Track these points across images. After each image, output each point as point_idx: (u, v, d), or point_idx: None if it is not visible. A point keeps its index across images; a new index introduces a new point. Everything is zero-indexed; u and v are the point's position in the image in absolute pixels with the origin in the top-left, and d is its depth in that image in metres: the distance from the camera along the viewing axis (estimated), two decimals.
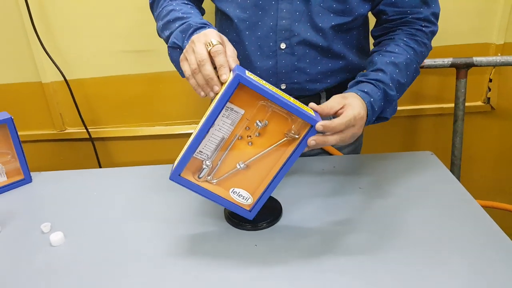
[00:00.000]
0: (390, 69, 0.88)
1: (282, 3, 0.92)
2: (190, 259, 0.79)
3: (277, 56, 0.96)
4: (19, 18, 1.39)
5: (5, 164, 1.07)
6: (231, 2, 0.96)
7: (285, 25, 0.93)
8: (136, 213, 0.94)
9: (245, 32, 0.96)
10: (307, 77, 0.99)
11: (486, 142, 1.58)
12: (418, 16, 0.94)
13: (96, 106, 1.54)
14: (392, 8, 0.94)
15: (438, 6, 0.96)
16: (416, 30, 0.94)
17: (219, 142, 0.76)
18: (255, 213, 0.81)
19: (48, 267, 0.80)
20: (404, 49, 0.91)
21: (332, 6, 0.92)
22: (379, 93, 0.86)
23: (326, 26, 0.93)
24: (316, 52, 0.97)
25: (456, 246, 0.78)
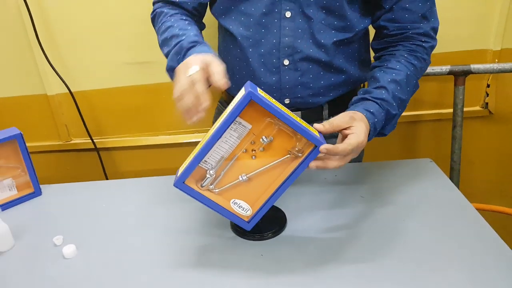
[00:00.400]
0: (392, 87, 0.91)
1: (284, 21, 0.94)
2: (198, 269, 0.82)
3: (280, 72, 0.99)
4: (24, 33, 1.42)
5: (15, 178, 1.10)
6: (234, 20, 0.98)
7: (288, 42, 0.96)
8: (144, 224, 0.97)
9: (248, 49, 0.99)
10: (310, 91, 1.01)
11: (485, 146, 1.61)
12: (418, 31, 0.96)
13: (101, 117, 1.57)
14: (393, 24, 0.96)
15: (437, 21, 0.98)
16: (416, 45, 0.96)
17: (224, 154, 0.79)
18: (253, 224, 0.83)
19: (63, 280, 0.82)
20: (404, 66, 0.94)
21: (333, 23, 0.95)
22: (383, 113, 0.89)
23: (328, 42, 0.96)
24: (319, 67, 0.99)
25: (455, 253, 0.81)
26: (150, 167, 1.65)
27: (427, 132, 1.59)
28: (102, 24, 1.42)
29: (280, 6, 0.93)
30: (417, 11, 0.94)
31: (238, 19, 0.98)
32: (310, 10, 0.93)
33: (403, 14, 0.94)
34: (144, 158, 1.64)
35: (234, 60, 1.03)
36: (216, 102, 1.21)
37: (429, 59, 0.99)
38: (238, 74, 1.04)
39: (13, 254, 0.91)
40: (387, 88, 0.91)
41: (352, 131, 0.80)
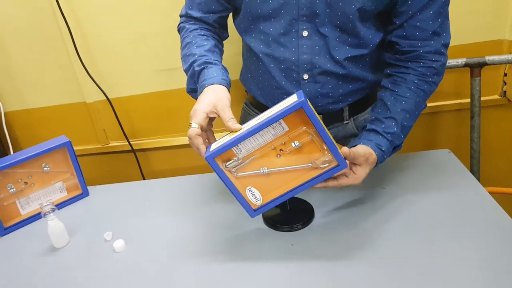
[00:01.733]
0: (401, 117, 0.97)
1: (302, 40, 0.98)
2: (234, 258, 0.91)
3: (301, 85, 1.04)
4: (64, 47, 1.53)
5: (65, 181, 1.21)
6: (254, 37, 1.04)
7: (306, 59, 1.00)
8: (183, 219, 1.07)
9: (270, 64, 1.04)
10: (330, 100, 1.07)
11: (505, 134, 1.63)
12: (429, 49, 0.97)
13: (135, 120, 1.67)
14: (404, 40, 0.97)
15: (449, 36, 0.98)
16: (427, 68, 0.98)
17: (256, 145, 0.86)
18: (258, 214, 0.89)
19: (115, 272, 0.92)
20: (414, 93, 0.98)
21: (348, 40, 0.98)
22: (391, 149, 0.97)
23: (343, 58, 1.00)
24: (337, 79, 1.04)
25: (470, 239, 0.87)
26: (183, 165, 1.75)
27: (448, 122, 1.63)
28: (134, 36, 1.52)
29: (297, 26, 0.97)
30: (428, 29, 0.95)
31: (258, 37, 1.03)
32: (325, 29, 0.96)
33: (414, 31, 0.96)
34: (177, 157, 1.74)
35: (258, 71, 1.10)
36: (241, 103, 1.29)
37: (440, 78, 1.01)
38: (261, 84, 1.11)
39: (69, 249, 1.02)
40: (397, 120, 0.97)
41: (357, 170, 0.91)
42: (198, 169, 1.61)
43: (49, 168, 1.18)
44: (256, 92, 1.16)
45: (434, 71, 0.99)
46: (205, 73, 0.96)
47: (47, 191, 1.19)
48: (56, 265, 0.97)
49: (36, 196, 1.17)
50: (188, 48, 1.03)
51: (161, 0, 1.45)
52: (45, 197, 1.18)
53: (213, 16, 1.07)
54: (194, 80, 1.00)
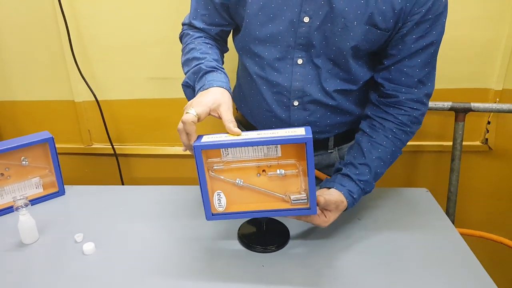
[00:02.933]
0: (375, 164, 0.99)
1: (296, 67, 1.00)
2: (204, 274, 0.90)
3: (290, 111, 1.06)
4: (59, 43, 1.53)
5: (43, 177, 1.20)
6: (250, 58, 1.05)
7: (298, 86, 1.02)
8: (156, 229, 1.06)
9: (262, 86, 1.06)
10: (317, 129, 1.08)
11: (484, 180, 1.67)
12: (411, 97, 0.99)
13: (122, 125, 1.67)
14: (389, 84, 1.00)
15: (433, 85, 1.01)
16: (408, 116, 1.00)
17: (244, 156, 0.86)
18: (215, 219, 0.89)
19: (82, 274, 0.91)
20: (391, 142, 1.00)
21: (339, 73, 1.01)
22: (360, 191, 0.98)
23: (331, 90, 1.02)
24: (326, 109, 1.06)
25: (441, 280, 0.88)
26: (164, 175, 1.74)
27: (428, 162, 1.66)
28: (131, 42, 1.53)
29: (293, 53, 0.99)
30: (414, 76, 0.97)
31: (253, 58, 1.04)
32: (319, 60, 0.99)
33: (400, 76, 0.98)
34: (159, 166, 1.73)
35: (250, 91, 1.11)
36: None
37: (417, 127, 1.03)
38: (252, 104, 1.12)
39: (38, 247, 1.01)
40: (370, 168, 0.99)
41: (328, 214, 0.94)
42: (179, 182, 1.61)
43: (27, 162, 1.16)
44: (247, 111, 1.17)
45: (414, 119, 1.01)
46: (214, 75, 0.95)
47: (23, 185, 1.17)
48: (22, 261, 0.95)
49: (10, 189, 1.15)
50: (192, 53, 1.03)
51: (162, 9, 1.47)
52: (20, 191, 1.17)
53: (216, 29, 1.09)
54: (195, 77, 0.98)
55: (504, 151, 1.61)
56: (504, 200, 1.69)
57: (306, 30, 0.95)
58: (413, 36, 0.94)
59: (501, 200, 1.69)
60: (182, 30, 1.13)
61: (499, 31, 1.45)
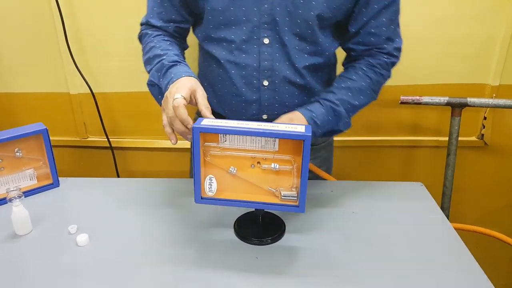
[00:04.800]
0: (342, 92, 1.03)
1: (263, 47, 1.02)
2: (197, 265, 0.90)
3: (260, 91, 1.07)
4: (54, 34, 1.52)
5: (37, 169, 1.19)
6: (216, 45, 1.06)
7: (267, 65, 1.04)
8: (151, 220, 1.05)
9: (231, 71, 1.06)
10: (286, 109, 1.09)
11: (479, 175, 1.68)
12: (383, 50, 1.05)
13: (117, 118, 1.66)
14: (360, 46, 1.06)
15: (400, 40, 1.07)
16: (377, 61, 1.06)
17: (241, 145, 0.87)
18: (203, 203, 0.90)
19: (75, 265, 0.91)
20: (360, 77, 1.05)
21: (306, 48, 1.04)
22: (323, 109, 1.00)
23: (301, 66, 1.05)
24: (295, 88, 1.08)
25: (433, 273, 0.88)
26: (159, 168, 1.74)
27: (424, 157, 1.67)
28: (127, 34, 1.52)
29: (259, 33, 1.01)
30: (382, 35, 1.03)
31: (220, 44, 1.05)
32: (286, 37, 1.01)
33: (369, 38, 1.04)
34: (154, 159, 1.73)
35: (216, 78, 1.11)
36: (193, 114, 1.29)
37: (388, 73, 1.09)
38: (220, 91, 1.12)
39: (31, 238, 1.00)
40: (334, 92, 1.03)
41: None
42: (175, 175, 1.60)
43: (21, 154, 1.16)
44: (213, 100, 1.16)
45: (384, 65, 1.06)
46: (178, 68, 0.97)
47: (17, 177, 1.16)
48: (15, 252, 0.95)
49: (4, 181, 1.15)
50: (152, 51, 1.04)
51: None
52: (14, 183, 1.16)
53: (173, 25, 1.10)
54: (159, 74, 0.99)
55: (500, 147, 1.62)
56: (499, 195, 1.70)
57: (269, 7, 0.98)
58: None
59: (496, 195, 1.70)
60: (141, 31, 1.13)
61: (497, 27, 1.45)
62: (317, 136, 1.04)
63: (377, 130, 1.63)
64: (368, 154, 1.65)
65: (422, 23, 1.45)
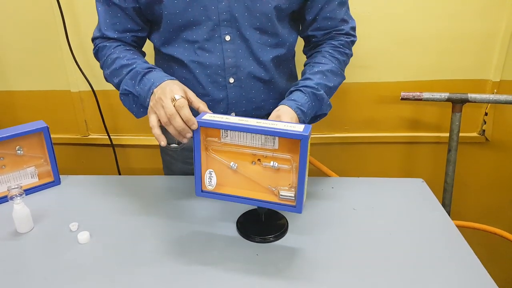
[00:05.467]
0: (317, 76, 1.04)
1: (225, 44, 1.03)
2: (199, 262, 0.90)
3: (227, 89, 1.07)
4: (55, 32, 1.52)
5: (38, 167, 1.20)
6: (178, 47, 1.05)
7: (231, 63, 1.05)
8: (152, 218, 1.06)
9: (195, 70, 1.05)
10: (253, 105, 1.11)
11: (480, 171, 1.67)
12: (341, 32, 1.10)
13: (118, 116, 1.66)
14: (319, 32, 1.10)
15: (353, 20, 1.12)
16: (339, 42, 1.10)
17: (242, 141, 0.87)
18: (203, 196, 0.92)
19: (76, 263, 0.91)
20: (329, 59, 1.07)
21: (268, 40, 1.05)
22: (306, 97, 1.01)
23: (266, 59, 1.06)
24: (260, 83, 1.09)
25: (435, 270, 0.88)
26: (160, 165, 1.73)
27: (425, 153, 1.66)
28: None
29: (219, 31, 1.01)
30: (337, 17, 1.08)
31: (182, 46, 1.04)
32: (247, 33, 1.02)
33: (326, 22, 1.08)
34: (155, 157, 1.72)
35: (181, 80, 1.04)
36: None
37: (351, 52, 1.12)
38: None
39: (32, 236, 1.01)
40: (310, 78, 1.04)
41: None
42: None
43: (23, 151, 1.16)
44: None
45: (346, 44, 1.11)
46: (155, 73, 0.96)
47: (18, 174, 1.17)
48: (16, 250, 0.95)
49: (5, 179, 1.15)
50: (118, 62, 1.02)
51: None
52: (15, 181, 1.16)
53: (129, 35, 1.08)
54: (134, 82, 0.98)
55: (501, 143, 1.61)
56: (501, 191, 1.69)
57: (226, 5, 0.99)
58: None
59: (497, 191, 1.70)
60: (96, 46, 1.10)
61: (497, 23, 1.44)
62: (306, 123, 1.02)
63: (377, 126, 1.63)
64: (369, 151, 1.65)
65: (423, 19, 1.45)
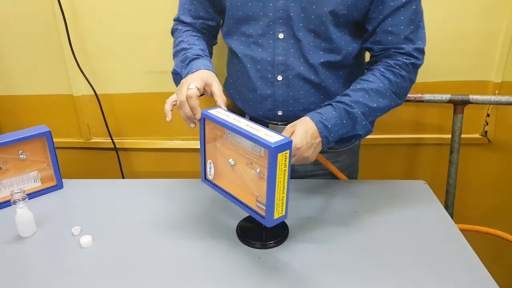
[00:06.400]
0: (358, 94, 0.99)
1: (278, 42, 1.04)
2: (200, 267, 0.90)
3: (274, 86, 1.09)
4: (57, 36, 1.52)
5: (41, 171, 1.20)
6: (236, 39, 1.11)
7: (281, 60, 1.06)
8: (155, 222, 1.06)
9: (247, 64, 1.10)
10: (301, 106, 1.10)
11: (483, 173, 1.67)
12: (400, 51, 1.01)
13: (121, 119, 1.67)
14: (377, 46, 1.03)
15: (423, 42, 1.03)
16: (395, 62, 1.01)
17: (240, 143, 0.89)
18: (206, 184, 0.99)
19: (78, 267, 0.91)
20: (378, 78, 1.00)
21: (321, 44, 1.04)
22: (335, 112, 0.97)
23: (316, 62, 1.05)
24: (309, 85, 1.08)
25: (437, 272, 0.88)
26: (164, 169, 1.74)
27: (427, 155, 1.66)
28: (130, 35, 1.52)
29: (274, 28, 1.03)
30: (400, 34, 0.99)
31: (239, 39, 1.10)
32: (300, 33, 1.02)
33: (386, 36, 1.01)
34: (159, 160, 1.73)
35: (237, 73, 1.16)
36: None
37: (409, 76, 1.03)
38: (240, 86, 1.16)
39: (35, 240, 1.01)
40: (349, 94, 1.00)
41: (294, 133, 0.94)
42: (179, 175, 1.61)
43: (25, 156, 1.16)
44: (236, 96, 1.21)
45: (403, 65, 1.01)
46: (199, 61, 1.04)
47: (21, 179, 1.17)
48: (19, 254, 0.96)
49: (8, 183, 1.15)
50: (180, 45, 1.12)
51: (160, 3, 1.46)
52: (18, 185, 1.17)
53: (200, 22, 1.17)
54: (182, 65, 1.06)
55: (503, 144, 1.61)
56: (503, 192, 1.69)
57: (284, 3, 1.00)
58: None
59: (500, 192, 1.69)
60: (173, 26, 1.21)
61: (498, 24, 1.44)
62: (331, 141, 0.99)
63: (379, 128, 1.62)
64: (371, 153, 1.65)
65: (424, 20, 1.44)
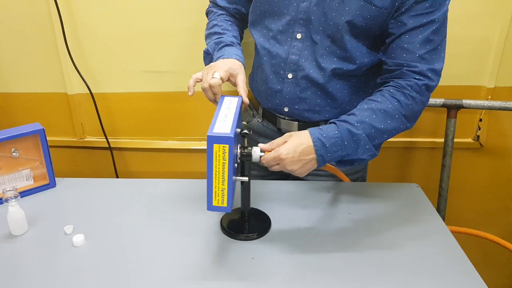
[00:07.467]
0: (364, 114, 0.95)
1: (295, 41, 1.06)
2: (189, 261, 0.91)
3: (284, 83, 1.11)
4: (52, 34, 1.52)
5: (33, 169, 1.19)
6: (258, 31, 1.14)
7: (294, 59, 1.07)
8: (146, 222, 1.06)
9: (264, 57, 1.13)
10: (306, 106, 1.11)
11: (475, 176, 1.68)
12: (414, 69, 0.96)
13: (116, 118, 1.66)
14: (391, 60, 0.99)
15: (440, 64, 0.99)
16: (407, 82, 0.97)
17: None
18: None
19: (71, 266, 0.91)
20: (387, 99, 0.96)
21: (336, 51, 1.04)
22: (337, 131, 0.93)
23: (328, 67, 1.05)
24: (317, 88, 1.09)
25: (427, 273, 0.89)
26: (158, 168, 1.74)
27: (420, 159, 1.67)
28: (126, 34, 1.52)
29: (294, 27, 1.05)
30: (415, 52, 0.96)
31: (261, 31, 1.13)
32: (318, 37, 1.03)
33: (401, 52, 0.97)
34: (153, 160, 1.73)
35: (256, 64, 1.21)
36: None
37: (421, 98, 0.98)
38: (257, 77, 1.20)
39: (27, 238, 1.01)
40: (355, 114, 0.96)
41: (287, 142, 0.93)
42: (173, 175, 1.61)
43: (18, 154, 1.16)
44: (253, 86, 1.26)
45: (415, 86, 0.97)
46: (233, 49, 1.08)
47: (13, 177, 1.17)
48: (11, 253, 0.95)
49: (0, 181, 1.15)
50: (214, 28, 1.16)
51: (157, 2, 1.46)
52: (10, 183, 1.16)
53: (234, 8, 1.21)
54: (215, 47, 1.11)
55: (495, 148, 1.62)
56: (495, 196, 1.70)
57: (307, 5, 1.02)
58: (411, 14, 0.95)
59: (491, 196, 1.70)
60: (208, 7, 1.26)
61: (492, 29, 1.45)
62: (327, 160, 0.94)
63: None
64: None
65: None
